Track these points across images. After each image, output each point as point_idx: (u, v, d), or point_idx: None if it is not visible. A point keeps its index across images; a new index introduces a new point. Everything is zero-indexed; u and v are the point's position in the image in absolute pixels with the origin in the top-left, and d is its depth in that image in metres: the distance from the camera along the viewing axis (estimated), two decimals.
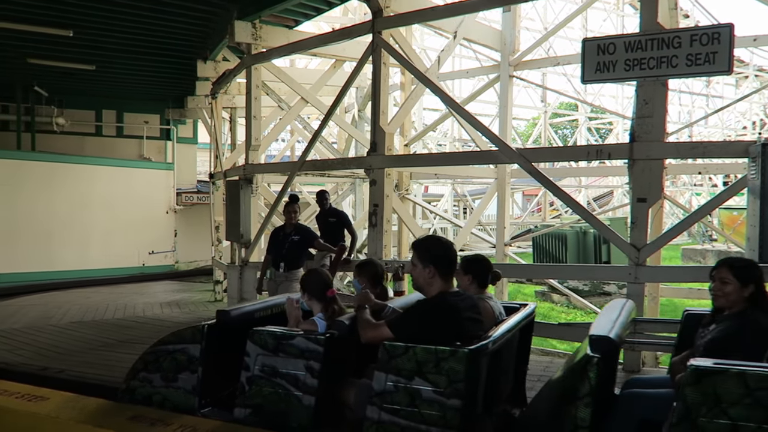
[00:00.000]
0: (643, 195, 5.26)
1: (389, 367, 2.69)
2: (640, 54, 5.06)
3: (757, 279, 2.90)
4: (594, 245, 14.75)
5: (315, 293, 3.39)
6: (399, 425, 2.63)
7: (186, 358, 3.38)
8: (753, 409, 2.05)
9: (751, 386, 2.06)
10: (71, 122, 16.77)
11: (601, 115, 29.28)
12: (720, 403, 2.09)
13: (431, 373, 2.60)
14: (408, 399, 2.63)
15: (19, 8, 9.53)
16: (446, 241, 3.05)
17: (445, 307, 2.77)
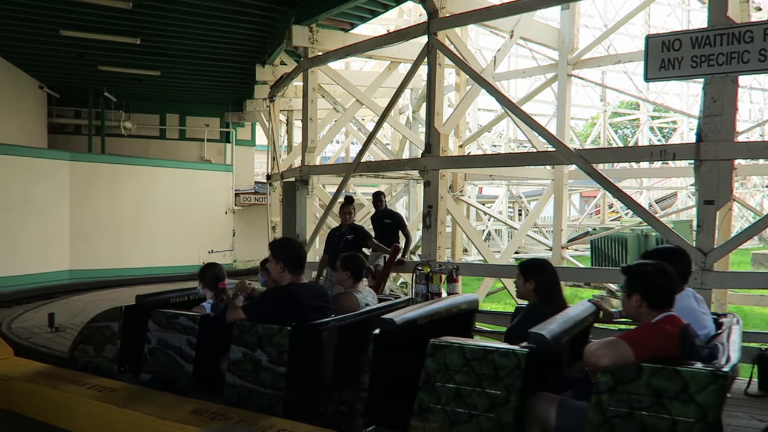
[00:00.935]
0: (711, 197, 5.03)
1: (240, 341, 3.34)
2: (708, 50, 4.85)
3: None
4: None
5: (208, 284, 4.04)
6: (247, 387, 3.29)
7: (110, 333, 4.09)
8: (469, 376, 2.51)
9: (468, 357, 2.53)
10: (137, 126, 17.54)
11: (665, 113, 28.21)
12: (449, 370, 2.56)
13: (267, 345, 3.23)
14: (252, 366, 3.27)
15: (92, 18, 10.06)
16: (297, 243, 3.93)
17: (287, 296, 3.40)
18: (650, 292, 2.59)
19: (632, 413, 2.24)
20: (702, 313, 3.05)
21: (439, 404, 2.58)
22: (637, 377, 2.25)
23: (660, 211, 23.17)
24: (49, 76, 15.21)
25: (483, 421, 2.48)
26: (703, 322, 2.95)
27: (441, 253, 7.03)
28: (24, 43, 12.09)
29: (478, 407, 2.50)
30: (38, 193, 13.25)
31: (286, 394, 3.19)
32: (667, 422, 2.18)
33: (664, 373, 2.21)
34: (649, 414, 2.21)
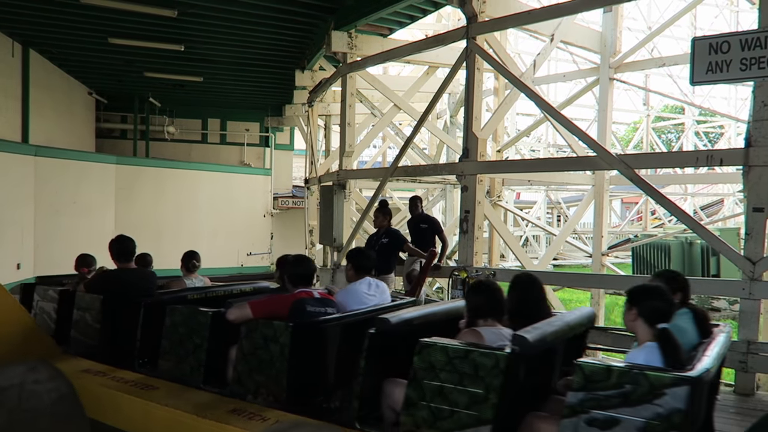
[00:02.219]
0: (761, 204, 4.86)
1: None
2: (758, 52, 4.68)
3: None
4: (701, 257, 13.79)
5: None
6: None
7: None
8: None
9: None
10: (180, 130, 18.01)
11: (711, 118, 27.36)
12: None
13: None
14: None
15: (139, 26, 10.39)
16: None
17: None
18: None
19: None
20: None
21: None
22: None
23: (705, 219, 22.46)
24: (98, 83, 15.78)
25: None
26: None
27: (478, 258, 6.97)
28: (75, 51, 12.58)
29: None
30: (86, 195, 13.72)
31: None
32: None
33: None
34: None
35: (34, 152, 12.25)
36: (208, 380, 3.72)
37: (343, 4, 8.81)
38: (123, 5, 9.03)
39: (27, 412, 3.16)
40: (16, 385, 3.19)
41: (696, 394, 2.21)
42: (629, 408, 2.23)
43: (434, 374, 2.68)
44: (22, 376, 3.29)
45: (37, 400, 3.30)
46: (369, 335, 3.05)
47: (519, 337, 2.59)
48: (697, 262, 13.83)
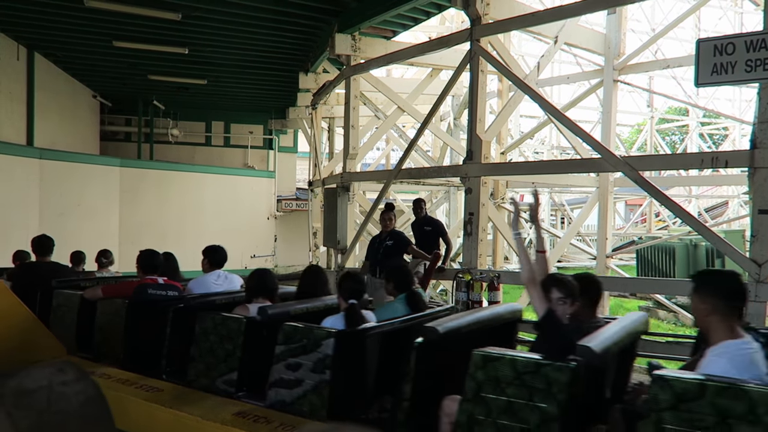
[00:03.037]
0: (766, 206, 4.84)
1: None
2: (764, 53, 4.67)
3: None
4: (706, 259, 13.73)
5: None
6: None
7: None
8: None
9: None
10: (184, 133, 18.05)
11: (715, 119, 27.29)
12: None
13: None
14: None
15: (143, 29, 10.43)
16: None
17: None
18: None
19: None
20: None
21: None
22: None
23: (710, 221, 22.39)
24: (102, 86, 15.83)
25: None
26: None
27: (482, 260, 6.96)
28: (80, 55, 12.63)
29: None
30: (90, 198, 13.76)
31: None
32: None
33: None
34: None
35: (38, 155, 12.29)
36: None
37: (347, 7, 8.82)
38: (127, 8, 9.06)
39: (56, 415, 3.15)
40: (45, 387, 3.18)
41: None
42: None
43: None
44: (50, 378, 3.28)
45: (66, 402, 3.28)
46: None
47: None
48: (702, 265, 13.77)
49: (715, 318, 2.29)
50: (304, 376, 3.24)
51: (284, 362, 3.31)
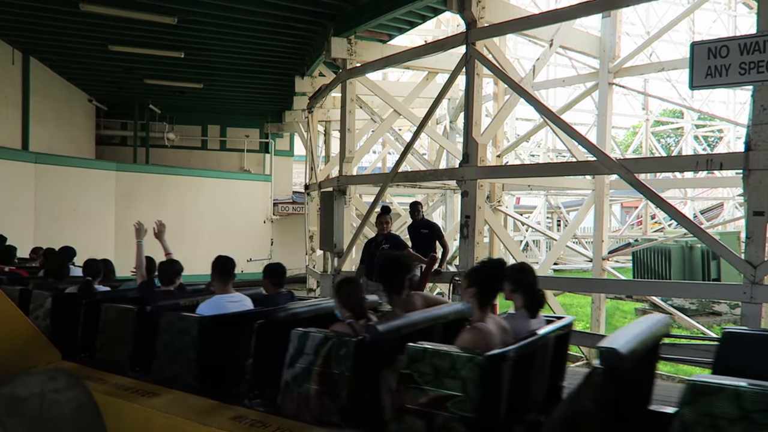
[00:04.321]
0: (761, 208, 4.86)
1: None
2: (757, 56, 4.69)
3: None
4: (702, 261, 13.77)
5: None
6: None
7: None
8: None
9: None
10: (180, 137, 18.04)
11: (710, 122, 27.41)
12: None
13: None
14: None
15: (139, 34, 10.43)
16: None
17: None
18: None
19: None
20: None
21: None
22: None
23: (705, 222, 22.46)
24: (98, 90, 15.82)
25: None
26: None
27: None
28: (75, 59, 12.62)
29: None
30: (86, 202, 13.73)
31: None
32: None
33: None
34: None
35: (34, 159, 12.26)
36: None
37: (343, 11, 8.84)
38: (123, 13, 9.06)
39: (49, 422, 3.13)
40: (37, 395, 3.16)
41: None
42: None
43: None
44: (42, 385, 3.26)
45: (58, 410, 3.26)
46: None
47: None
48: (697, 266, 13.82)
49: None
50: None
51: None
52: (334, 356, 2.97)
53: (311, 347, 3.07)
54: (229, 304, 4.07)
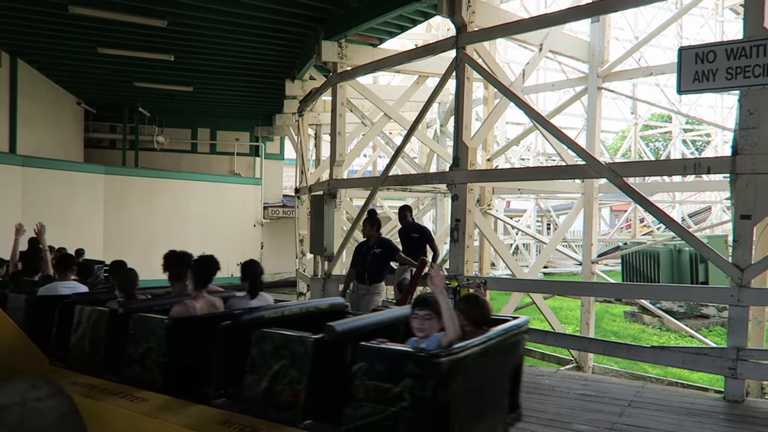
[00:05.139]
0: (748, 211, 4.90)
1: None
2: (744, 61, 4.75)
3: None
4: (690, 265, 13.89)
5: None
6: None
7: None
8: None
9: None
10: (170, 140, 17.95)
11: (698, 126, 27.68)
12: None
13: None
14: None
15: (129, 36, 10.37)
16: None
17: None
18: None
19: None
20: None
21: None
22: None
23: (693, 226, 22.65)
24: (87, 93, 15.72)
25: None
26: None
27: (469, 267, 6.98)
28: (64, 61, 12.54)
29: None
30: (74, 206, 13.62)
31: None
32: None
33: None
34: None
35: (21, 162, 12.15)
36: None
37: (333, 14, 8.84)
38: (112, 15, 9.01)
39: (30, 430, 3.08)
40: (18, 403, 3.11)
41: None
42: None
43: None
44: (23, 394, 3.20)
45: (40, 419, 3.21)
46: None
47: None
48: (685, 270, 13.93)
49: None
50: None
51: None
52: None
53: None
54: (63, 288, 5.00)
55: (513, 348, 3.30)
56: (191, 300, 3.92)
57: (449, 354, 2.53)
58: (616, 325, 13.41)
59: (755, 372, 4.96)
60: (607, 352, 6.17)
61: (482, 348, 2.82)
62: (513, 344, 3.28)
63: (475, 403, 2.86)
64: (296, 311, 3.70)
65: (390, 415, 2.51)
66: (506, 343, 3.18)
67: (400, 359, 2.55)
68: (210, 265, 4.21)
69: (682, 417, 4.49)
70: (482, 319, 3.10)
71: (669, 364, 5.64)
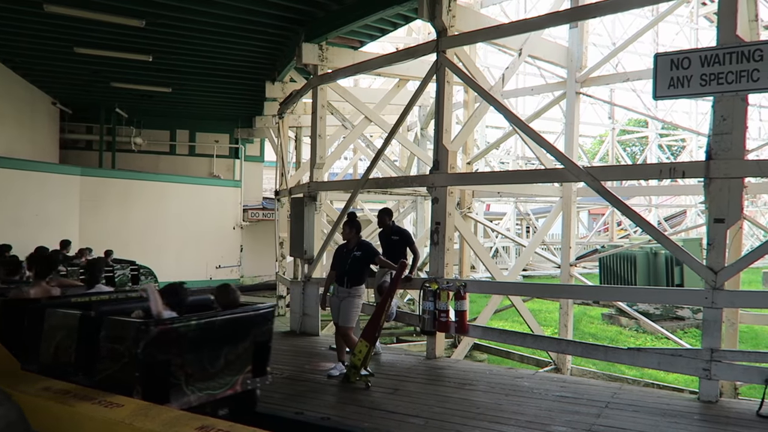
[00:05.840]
0: (721, 215, 5.00)
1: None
2: (717, 68, 4.85)
3: None
4: (666, 267, 14.12)
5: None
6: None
7: None
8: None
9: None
10: (148, 142, 17.73)
11: (673, 131, 28.18)
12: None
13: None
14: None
15: (106, 36, 10.22)
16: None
17: None
18: None
19: None
20: None
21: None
22: None
23: (669, 229, 23.04)
24: (62, 93, 15.45)
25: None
26: None
27: (449, 270, 7.00)
28: (39, 61, 12.31)
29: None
30: (49, 208, 13.37)
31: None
32: None
33: None
34: None
35: None
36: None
37: (314, 17, 8.82)
38: (89, 14, 8.87)
39: None
40: None
41: None
42: None
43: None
44: None
45: None
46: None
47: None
48: (661, 272, 14.16)
49: None
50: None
51: None
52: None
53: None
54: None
55: (252, 325, 4.26)
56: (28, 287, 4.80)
57: (158, 324, 3.55)
58: (594, 327, 13.57)
59: (728, 373, 5.05)
60: (585, 354, 6.23)
61: (204, 322, 3.88)
62: (250, 323, 4.26)
63: (200, 361, 3.87)
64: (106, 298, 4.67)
65: (119, 368, 3.52)
66: (240, 321, 4.20)
67: (124, 327, 3.55)
68: (47, 259, 5.15)
69: (657, 418, 4.56)
70: (227, 304, 4.20)
71: (645, 366, 5.71)
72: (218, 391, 4.10)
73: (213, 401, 4.09)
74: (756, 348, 11.00)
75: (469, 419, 4.56)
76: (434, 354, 6.93)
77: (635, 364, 5.86)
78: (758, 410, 4.62)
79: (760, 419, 4.50)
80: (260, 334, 4.34)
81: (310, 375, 6.10)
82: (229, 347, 4.14)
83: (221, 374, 4.08)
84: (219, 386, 4.10)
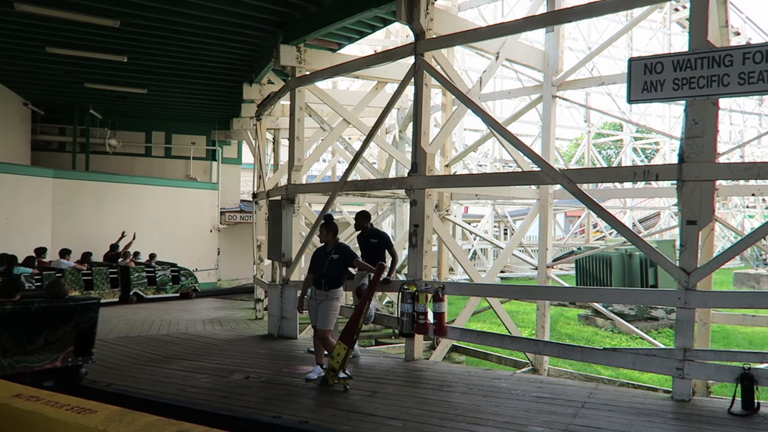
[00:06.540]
0: (693, 217, 5.09)
1: None
2: (689, 73, 4.95)
3: None
4: (640, 268, 14.33)
5: None
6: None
7: None
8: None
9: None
10: (123, 143, 17.46)
11: (647, 135, 28.68)
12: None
13: None
14: None
15: (79, 36, 10.04)
16: None
17: None
18: None
19: None
20: None
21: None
22: None
23: (643, 231, 23.42)
24: (34, 93, 15.14)
25: None
26: None
27: (427, 272, 7.02)
28: (10, 61, 12.04)
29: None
30: (20, 210, 13.09)
31: None
32: None
33: None
34: None
35: None
36: None
37: (292, 19, 8.79)
38: (61, 14, 8.71)
39: None
40: None
41: None
42: None
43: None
44: None
45: None
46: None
47: None
48: (636, 273, 14.36)
49: None
50: None
51: None
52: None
53: None
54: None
55: (74, 313, 5.54)
56: None
57: None
58: (571, 328, 13.72)
59: (701, 372, 5.14)
60: (562, 354, 6.29)
61: (19, 308, 5.22)
62: (72, 311, 5.53)
63: (18, 338, 5.15)
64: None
65: None
66: (59, 309, 5.44)
67: None
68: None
69: (632, 417, 4.62)
70: (54, 295, 5.53)
71: (620, 366, 5.78)
72: (36, 365, 5.26)
73: (32, 372, 5.18)
74: (728, 347, 11.23)
75: (448, 421, 4.57)
76: (413, 356, 6.93)
77: (611, 364, 5.93)
78: (730, 408, 4.71)
79: (731, 417, 4.59)
80: (83, 321, 5.60)
81: (288, 378, 6.06)
82: (49, 329, 5.38)
83: (41, 351, 5.30)
84: (38, 360, 5.27)
